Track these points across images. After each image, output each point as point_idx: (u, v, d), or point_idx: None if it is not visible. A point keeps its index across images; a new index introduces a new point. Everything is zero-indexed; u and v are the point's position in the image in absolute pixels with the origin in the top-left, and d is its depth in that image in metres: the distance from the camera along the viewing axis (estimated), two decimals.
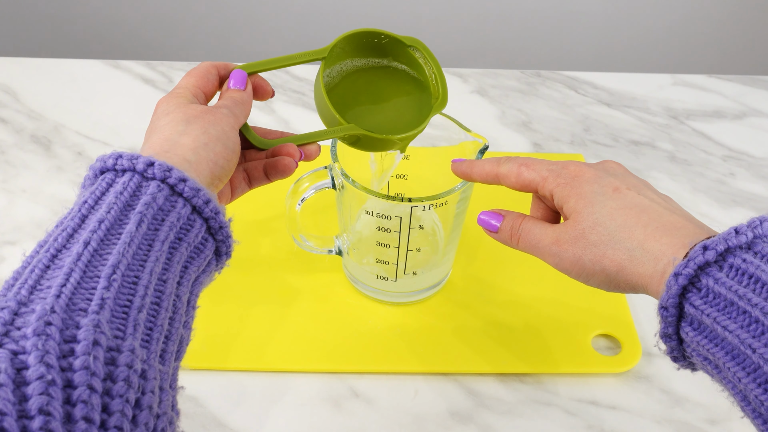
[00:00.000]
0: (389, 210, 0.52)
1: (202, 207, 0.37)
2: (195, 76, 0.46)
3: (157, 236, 0.35)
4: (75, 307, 0.30)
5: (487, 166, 0.45)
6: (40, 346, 0.27)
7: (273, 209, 0.65)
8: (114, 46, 1.50)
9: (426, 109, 0.50)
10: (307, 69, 0.85)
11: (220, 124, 0.42)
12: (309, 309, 0.58)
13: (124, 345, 0.30)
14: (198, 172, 0.39)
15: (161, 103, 0.43)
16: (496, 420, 0.52)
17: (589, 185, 0.40)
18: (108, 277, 0.31)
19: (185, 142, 0.39)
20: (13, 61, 0.84)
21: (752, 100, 0.84)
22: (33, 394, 0.26)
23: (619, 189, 0.39)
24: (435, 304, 0.59)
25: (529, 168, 0.42)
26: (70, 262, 0.31)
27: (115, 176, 0.36)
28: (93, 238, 0.33)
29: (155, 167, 0.36)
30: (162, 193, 0.36)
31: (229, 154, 0.41)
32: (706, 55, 1.51)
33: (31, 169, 0.71)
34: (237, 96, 0.45)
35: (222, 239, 0.39)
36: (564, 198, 0.40)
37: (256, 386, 0.53)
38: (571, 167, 0.41)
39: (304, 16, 1.45)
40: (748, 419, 0.33)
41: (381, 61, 0.52)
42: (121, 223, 0.34)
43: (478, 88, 0.84)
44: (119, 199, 0.35)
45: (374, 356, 0.55)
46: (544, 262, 0.42)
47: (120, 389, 0.28)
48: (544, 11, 1.44)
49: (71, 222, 0.34)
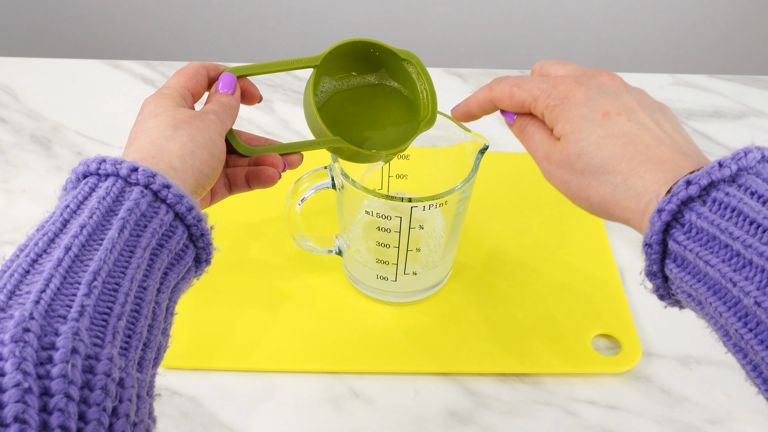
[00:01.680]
0: (389, 210, 0.52)
1: (185, 214, 0.37)
2: (184, 76, 0.45)
3: (139, 243, 0.35)
4: (54, 313, 0.29)
5: (480, 95, 0.44)
6: (18, 353, 0.27)
7: (272, 209, 0.65)
8: (114, 46, 1.50)
9: (413, 126, 0.50)
10: (308, 69, 0.85)
11: (208, 131, 0.41)
12: (309, 309, 0.58)
13: (103, 353, 0.29)
14: (183, 180, 0.38)
15: (148, 103, 0.42)
16: (496, 420, 0.52)
17: (578, 109, 0.38)
18: (88, 284, 0.31)
19: (172, 148, 0.39)
20: (13, 61, 0.84)
21: (752, 100, 0.84)
22: (9, 402, 0.25)
23: (608, 114, 0.38)
24: (435, 304, 0.59)
25: (521, 88, 0.41)
26: (50, 268, 0.31)
27: (98, 180, 0.36)
28: (74, 244, 0.32)
29: (139, 173, 0.36)
30: (145, 199, 0.36)
31: (215, 162, 0.41)
32: (706, 55, 1.51)
33: (31, 169, 0.71)
34: (225, 101, 0.45)
35: (203, 246, 0.39)
36: (553, 120, 0.39)
37: (255, 386, 0.53)
38: (561, 87, 0.40)
39: (304, 15, 1.45)
40: (730, 353, 0.33)
41: (371, 77, 0.51)
42: (103, 229, 0.34)
43: (477, 88, 0.84)
44: (102, 204, 0.34)
45: (374, 356, 0.55)
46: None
47: (97, 398, 0.28)
48: (544, 11, 1.44)
49: (52, 226, 0.33)
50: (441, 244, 0.57)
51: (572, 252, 0.63)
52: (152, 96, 0.43)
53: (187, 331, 0.56)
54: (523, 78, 0.42)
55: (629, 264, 0.64)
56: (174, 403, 0.52)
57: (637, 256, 0.64)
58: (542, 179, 0.72)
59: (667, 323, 0.59)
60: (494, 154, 0.72)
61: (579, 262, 0.62)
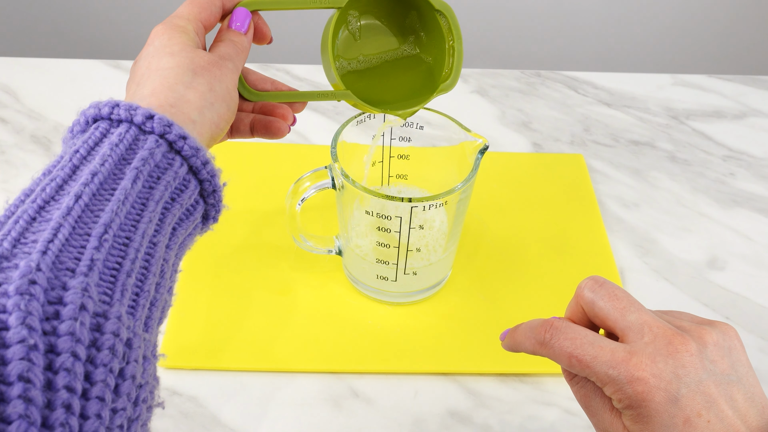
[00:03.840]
0: (389, 210, 0.52)
1: (200, 168, 0.35)
2: (198, 5, 0.41)
3: (152, 195, 0.32)
4: (62, 266, 0.28)
5: (528, 344, 0.37)
6: (23, 306, 0.25)
7: (271, 208, 0.65)
8: (114, 46, 1.50)
9: (431, 87, 0.48)
10: (308, 69, 0.85)
11: (225, 80, 0.38)
12: (309, 309, 0.58)
13: (111, 311, 0.28)
14: (200, 133, 0.36)
15: (160, 34, 0.39)
16: (496, 420, 0.52)
17: (659, 417, 0.33)
18: (99, 237, 0.29)
19: (191, 98, 0.36)
20: (13, 61, 0.84)
21: (752, 100, 0.84)
22: (13, 359, 0.24)
23: (689, 420, 0.33)
24: (435, 304, 0.59)
25: (584, 364, 0.34)
26: (59, 216, 0.29)
27: (110, 126, 0.34)
28: (85, 192, 0.30)
29: (155, 121, 0.33)
30: (160, 149, 0.33)
31: (230, 115, 0.39)
32: (706, 55, 1.51)
33: (31, 169, 0.71)
34: (239, 42, 0.41)
35: (213, 203, 0.37)
36: (622, 412, 0.35)
37: (255, 386, 0.53)
38: (636, 386, 0.33)
39: (304, 15, 1.44)
40: None
41: (397, 27, 0.47)
42: (115, 178, 0.32)
43: (477, 88, 0.84)
44: (114, 152, 0.32)
45: (374, 356, 0.55)
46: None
47: (104, 357, 0.27)
48: (544, 11, 1.44)
49: (61, 171, 0.31)
50: (441, 244, 0.57)
51: (572, 252, 0.63)
52: (164, 26, 0.39)
53: (187, 331, 0.56)
54: (586, 335, 0.35)
55: (629, 264, 0.64)
56: (174, 403, 0.52)
57: (637, 256, 0.64)
58: (542, 179, 0.72)
59: None
60: (494, 154, 0.72)
61: (579, 262, 0.62)
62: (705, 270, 0.64)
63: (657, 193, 0.71)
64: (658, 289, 0.62)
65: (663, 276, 0.63)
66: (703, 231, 0.67)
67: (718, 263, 0.64)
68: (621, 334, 0.35)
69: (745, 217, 0.69)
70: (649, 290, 0.61)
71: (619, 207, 0.69)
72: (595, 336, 0.35)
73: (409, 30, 0.49)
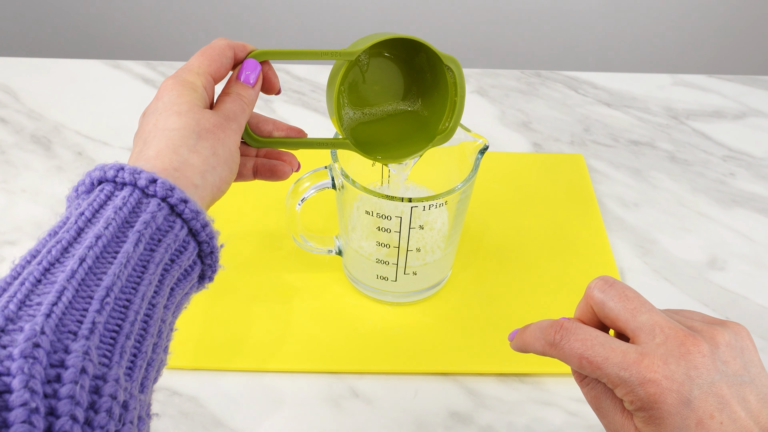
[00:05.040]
0: (389, 210, 0.52)
1: (199, 230, 0.36)
2: (209, 57, 0.42)
3: (153, 258, 0.34)
4: (65, 329, 0.29)
5: (538, 345, 0.37)
6: (26, 369, 0.26)
7: (272, 208, 0.65)
8: (114, 46, 1.51)
9: (429, 137, 0.49)
10: (308, 69, 0.85)
11: (228, 143, 0.40)
12: (309, 309, 0.58)
13: (110, 374, 0.29)
14: (201, 197, 0.38)
15: (169, 90, 0.40)
16: (496, 420, 0.52)
17: (671, 419, 0.33)
18: (101, 300, 0.30)
19: (195, 162, 0.37)
20: (13, 61, 0.84)
21: (752, 100, 0.84)
22: (15, 422, 0.25)
23: (701, 422, 0.33)
24: (435, 304, 0.59)
25: (595, 366, 0.34)
26: (63, 279, 0.30)
27: (114, 188, 0.35)
28: (89, 255, 0.31)
29: (158, 185, 0.35)
30: (162, 212, 0.35)
31: (231, 177, 0.40)
32: (706, 55, 1.51)
33: (31, 169, 0.71)
34: (246, 96, 0.42)
35: (210, 263, 0.38)
36: (634, 414, 0.35)
37: (255, 386, 0.53)
38: (649, 387, 0.33)
39: (304, 15, 1.45)
40: None
41: (403, 78, 0.49)
42: (118, 241, 0.33)
43: (478, 88, 0.84)
44: (118, 215, 0.34)
45: (374, 356, 0.55)
46: None
47: (101, 420, 0.28)
48: (544, 11, 1.44)
49: (66, 234, 0.33)
50: (441, 244, 0.57)
51: (572, 252, 0.63)
52: (174, 81, 0.40)
53: (187, 331, 0.56)
54: (594, 335, 0.35)
55: (629, 264, 0.64)
56: (174, 403, 0.52)
57: (637, 256, 0.64)
58: (542, 179, 0.72)
59: None
60: (494, 154, 0.72)
61: (579, 262, 0.62)
62: (705, 270, 0.64)
63: (657, 193, 0.71)
64: (658, 289, 0.62)
65: (663, 276, 0.63)
66: (703, 231, 0.67)
67: (718, 263, 0.64)
68: (632, 335, 0.35)
69: (745, 217, 0.69)
70: (649, 290, 0.61)
71: (619, 207, 0.69)
72: (606, 337, 0.35)
73: (414, 80, 0.50)
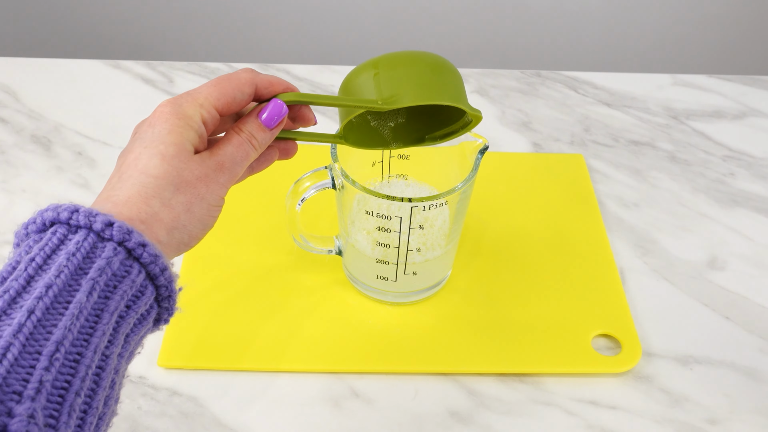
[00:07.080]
0: (389, 210, 0.52)
1: (158, 274, 0.34)
2: (220, 90, 0.38)
3: (107, 306, 0.32)
4: (9, 389, 0.27)
5: None
6: None
7: (272, 208, 0.65)
8: (114, 46, 1.51)
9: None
10: (308, 69, 0.85)
11: (208, 198, 0.37)
12: (309, 309, 0.58)
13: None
14: (164, 253, 0.35)
15: (162, 120, 0.37)
16: (496, 420, 0.52)
17: None
18: (50, 356, 0.28)
19: (165, 217, 0.35)
20: (13, 61, 0.84)
21: (752, 100, 0.84)
22: None
23: None
24: (435, 304, 0.59)
25: None
26: (9, 334, 0.28)
27: (68, 231, 0.32)
28: (38, 307, 0.29)
29: (114, 228, 0.32)
30: (118, 257, 0.32)
31: (203, 234, 0.38)
32: (706, 55, 1.51)
33: (31, 169, 0.71)
34: (259, 140, 0.39)
35: (167, 307, 0.36)
36: None
37: (255, 386, 0.53)
38: None
39: (305, 15, 1.45)
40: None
41: (420, 123, 0.50)
42: (70, 290, 0.31)
43: (478, 88, 0.84)
44: (71, 262, 0.31)
45: (374, 356, 0.55)
46: None
47: None
48: (544, 11, 1.44)
49: (15, 283, 0.30)
50: (441, 244, 0.57)
51: (572, 252, 0.63)
52: (170, 110, 0.37)
53: (187, 331, 0.56)
54: None
55: (629, 264, 0.64)
56: (174, 403, 0.52)
57: (637, 256, 0.64)
58: (542, 179, 0.72)
59: (667, 323, 0.59)
60: (494, 154, 0.72)
61: (579, 262, 0.62)
62: (705, 270, 0.64)
63: (657, 193, 0.71)
64: (658, 289, 0.62)
65: (663, 276, 0.63)
66: (703, 231, 0.67)
67: (718, 263, 0.64)
68: None
69: (745, 217, 0.69)
70: (649, 290, 0.61)
71: (619, 207, 0.69)
72: None
73: (428, 120, 0.50)
